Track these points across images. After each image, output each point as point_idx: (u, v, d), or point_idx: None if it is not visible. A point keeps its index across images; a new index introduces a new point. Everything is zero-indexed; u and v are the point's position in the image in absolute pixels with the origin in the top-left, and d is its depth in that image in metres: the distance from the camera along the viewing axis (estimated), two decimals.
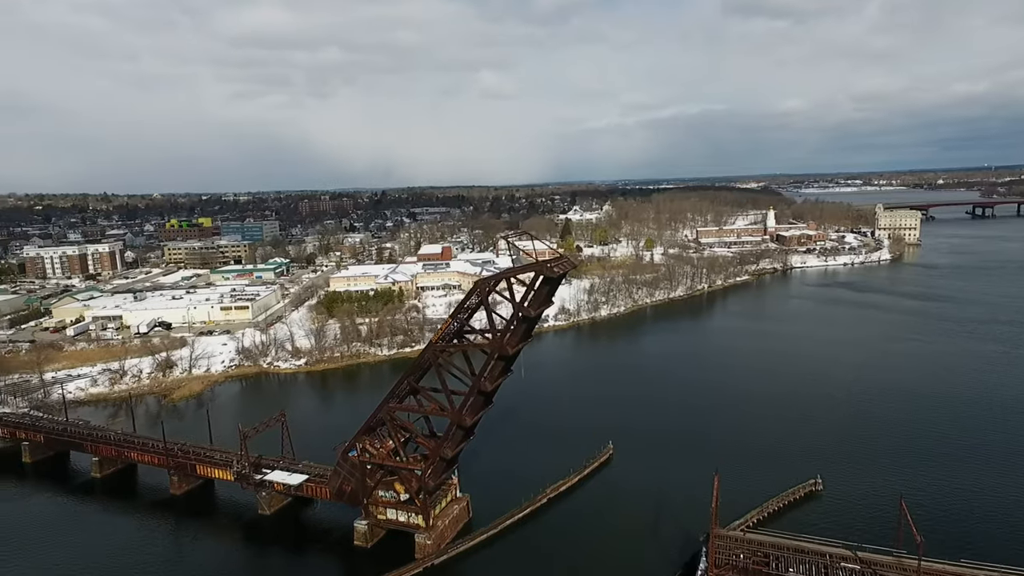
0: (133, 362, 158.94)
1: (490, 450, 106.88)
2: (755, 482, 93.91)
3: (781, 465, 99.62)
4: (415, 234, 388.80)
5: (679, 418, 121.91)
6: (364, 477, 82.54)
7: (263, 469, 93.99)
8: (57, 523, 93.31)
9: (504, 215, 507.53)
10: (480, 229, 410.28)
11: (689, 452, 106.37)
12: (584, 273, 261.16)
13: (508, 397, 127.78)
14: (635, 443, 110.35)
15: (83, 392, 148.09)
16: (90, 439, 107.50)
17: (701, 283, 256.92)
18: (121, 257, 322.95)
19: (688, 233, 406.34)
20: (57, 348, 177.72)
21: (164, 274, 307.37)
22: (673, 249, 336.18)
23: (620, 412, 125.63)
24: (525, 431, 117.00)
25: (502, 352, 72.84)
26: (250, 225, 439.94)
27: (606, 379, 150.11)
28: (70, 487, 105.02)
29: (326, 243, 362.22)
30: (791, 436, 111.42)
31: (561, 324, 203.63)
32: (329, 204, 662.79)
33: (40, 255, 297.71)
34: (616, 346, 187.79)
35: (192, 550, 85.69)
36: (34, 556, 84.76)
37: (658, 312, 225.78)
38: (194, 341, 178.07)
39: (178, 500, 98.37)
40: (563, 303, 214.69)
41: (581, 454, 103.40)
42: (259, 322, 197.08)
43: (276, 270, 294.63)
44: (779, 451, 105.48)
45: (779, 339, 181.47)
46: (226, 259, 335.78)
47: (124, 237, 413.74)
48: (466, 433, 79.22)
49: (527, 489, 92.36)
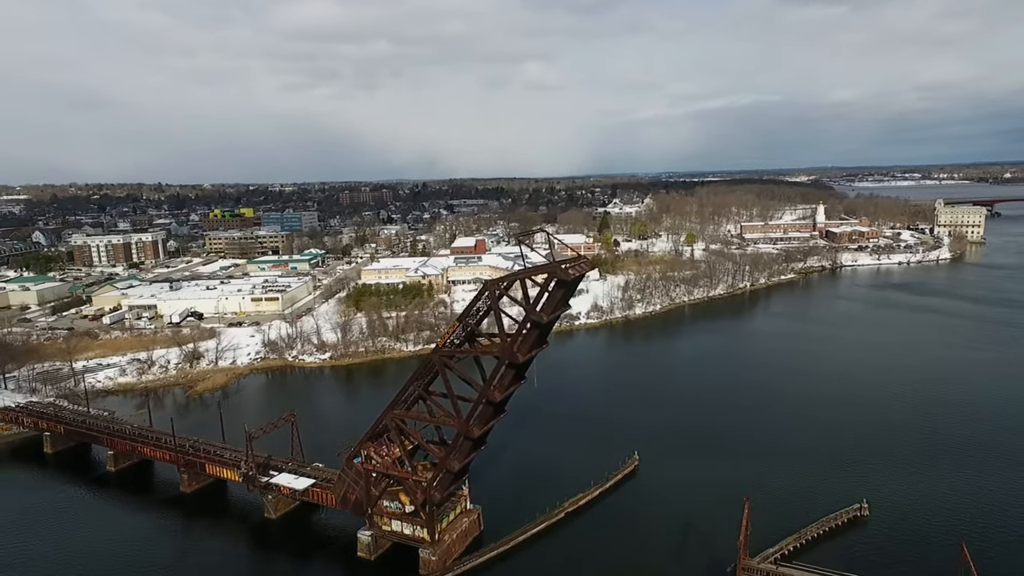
0: (160, 353, 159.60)
1: (505, 459, 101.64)
2: (792, 503, 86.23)
3: (823, 485, 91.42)
4: (451, 226, 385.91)
5: (713, 427, 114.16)
6: (368, 486, 78.41)
7: (271, 471, 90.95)
8: (62, 516, 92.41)
9: (542, 207, 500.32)
10: (516, 222, 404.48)
11: (722, 465, 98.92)
12: (620, 269, 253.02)
13: (527, 401, 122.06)
14: (663, 453, 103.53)
15: (111, 382, 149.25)
16: (106, 432, 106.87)
17: (743, 281, 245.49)
18: (163, 246, 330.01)
19: (732, 228, 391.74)
20: (92, 336, 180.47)
21: (204, 263, 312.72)
22: (715, 245, 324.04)
23: (649, 419, 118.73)
24: (544, 438, 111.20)
25: (512, 359, 67.26)
26: (289, 216, 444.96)
27: (636, 382, 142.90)
28: (84, 480, 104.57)
29: (362, 235, 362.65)
30: (835, 453, 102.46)
31: (593, 322, 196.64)
32: (369, 195, 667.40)
33: (87, 243, 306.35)
34: (649, 347, 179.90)
35: (193, 551, 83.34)
36: (33, 548, 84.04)
37: (696, 311, 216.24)
38: (222, 332, 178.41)
39: (188, 498, 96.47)
40: (596, 300, 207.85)
41: (604, 465, 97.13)
42: (287, 314, 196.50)
43: (311, 261, 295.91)
44: (821, 469, 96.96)
45: (825, 344, 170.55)
46: (264, 249, 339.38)
47: (169, 226, 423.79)
48: (475, 444, 74.04)
49: (543, 502, 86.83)
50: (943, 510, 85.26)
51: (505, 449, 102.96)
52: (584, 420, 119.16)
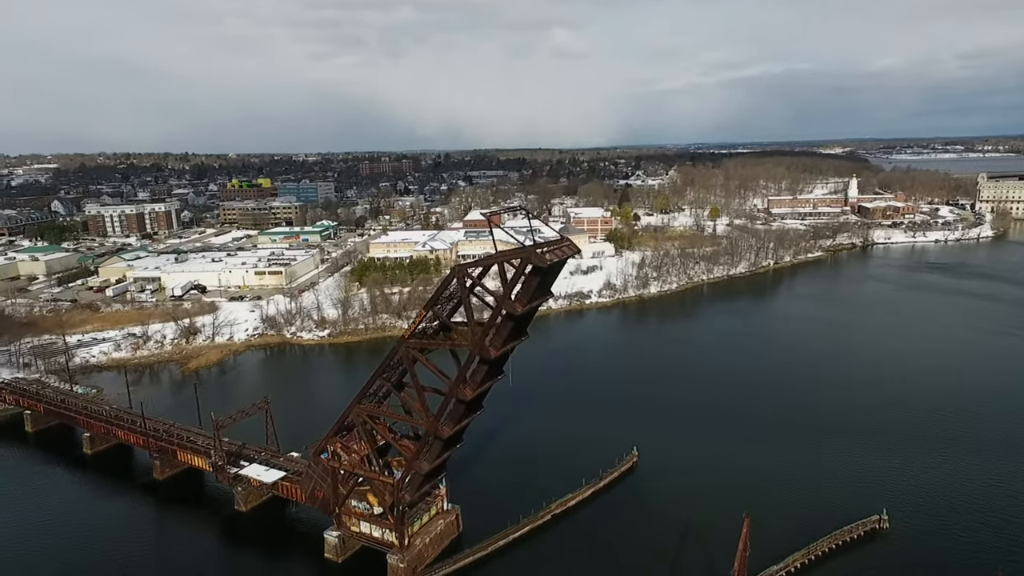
0: (156, 327, 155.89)
1: (489, 454, 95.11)
2: (803, 511, 78.29)
3: (838, 491, 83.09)
4: (467, 199, 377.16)
5: (722, 420, 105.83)
6: (336, 484, 72.44)
7: (242, 461, 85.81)
8: (32, 499, 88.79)
9: (563, 179, 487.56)
10: (535, 194, 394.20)
11: (730, 463, 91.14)
12: (637, 244, 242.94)
13: (516, 389, 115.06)
14: (666, 450, 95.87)
15: (106, 357, 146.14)
16: (83, 414, 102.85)
17: (767, 259, 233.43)
18: (177, 216, 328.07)
19: (758, 203, 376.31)
20: (94, 309, 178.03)
21: (217, 234, 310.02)
22: (739, 220, 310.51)
23: (653, 410, 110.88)
24: (535, 431, 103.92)
25: (483, 355, 59.80)
26: (305, 186, 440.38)
27: (642, 369, 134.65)
28: (60, 461, 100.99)
29: (377, 206, 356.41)
30: (854, 455, 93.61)
31: (604, 301, 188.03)
32: (389, 166, 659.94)
33: (101, 213, 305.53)
34: (661, 330, 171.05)
35: (158, 543, 78.76)
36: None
37: (715, 291, 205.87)
38: (222, 307, 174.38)
39: (160, 485, 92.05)
40: (609, 277, 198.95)
41: (600, 461, 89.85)
42: (290, 288, 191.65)
43: (322, 233, 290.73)
44: (837, 473, 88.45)
45: (851, 330, 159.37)
46: (278, 220, 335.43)
47: (187, 196, 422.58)
48: (447, 443, 67.21)
49: (530, 503, 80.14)
50: (977, 524, 76.42)
51: (490, 443, 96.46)
52: (582, 410, 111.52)
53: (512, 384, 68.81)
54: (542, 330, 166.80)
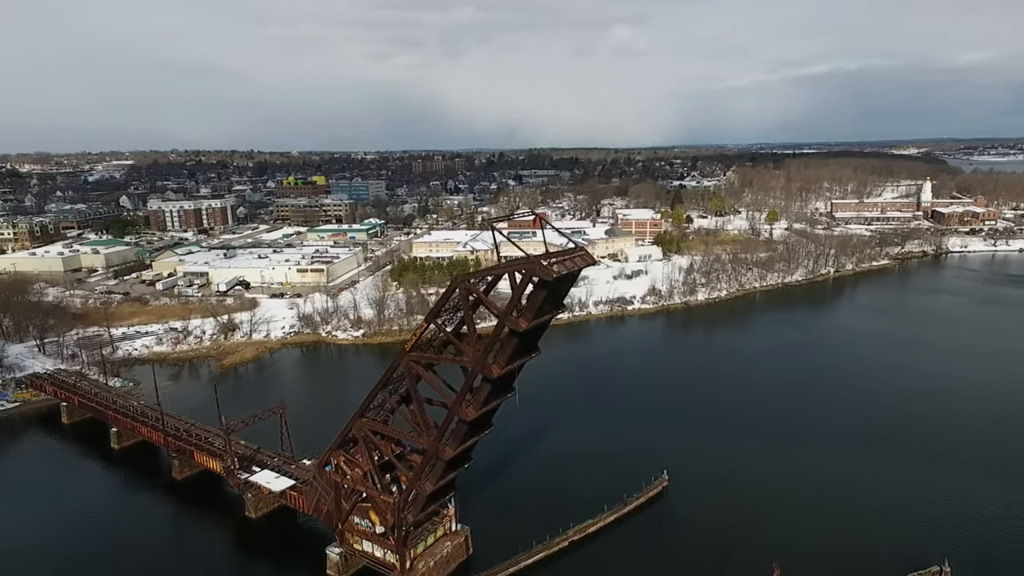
0: (197, 322, 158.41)
1: (505, 472, 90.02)
2: (852, 558, 70.05)
3: (895, 536, 74.29)
4: (515, 198, 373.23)
5: (767, 448, 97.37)
6: (339, 498, 69.33)
7: (254, 467, 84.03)
8: (53, 492, 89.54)
9: (615, 179, 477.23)
10: (585, 194, 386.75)
11: (772, 495, 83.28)
12: (686, 248, 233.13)
13: (537, 402, 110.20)
14: (701, 474, 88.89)
15: (147, 350, 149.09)
16: (112, 409, 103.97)
17: (826, 266, 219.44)
18: (233, 212, 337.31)
19: (821, 206, 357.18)
20: (143, 302, 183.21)
21: (269, 230, 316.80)
22: (799, 224, 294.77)
23: (689, 430, 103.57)
24: (556, 448, 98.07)
25: (485, 373, 55.14)
26: (357, 184, 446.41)
27: (681, 382, 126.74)
28: (87, 455, 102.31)
29: (425, 205, 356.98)
30: (914, 498, 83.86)
31: (648, 308, 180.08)
32: (442, 164, 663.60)
33: (161, 209, 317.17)
34: (705, 340, 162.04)
35: (166, 546, 77.41)
36: (12, 521, 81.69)
37: (768, 300, 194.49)
38: (262, 304, 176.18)
39: (179, 485, 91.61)
40: (655, 283, 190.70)
41: (625, 484, 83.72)
42: (329, 286, 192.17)
43: (369, 231, 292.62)
44: (893, 516, 79.23)
45: (917, 350, 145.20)
46: (328, 218, 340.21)
47: (244, 193, 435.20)
48: (451, 464, 62.90)
49: (547, 526, 75.01)
50: None
51: (506, 460, 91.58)
52: (611, 426, 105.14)
53: (519, 405, 63.50)
54: (576, 337, 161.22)
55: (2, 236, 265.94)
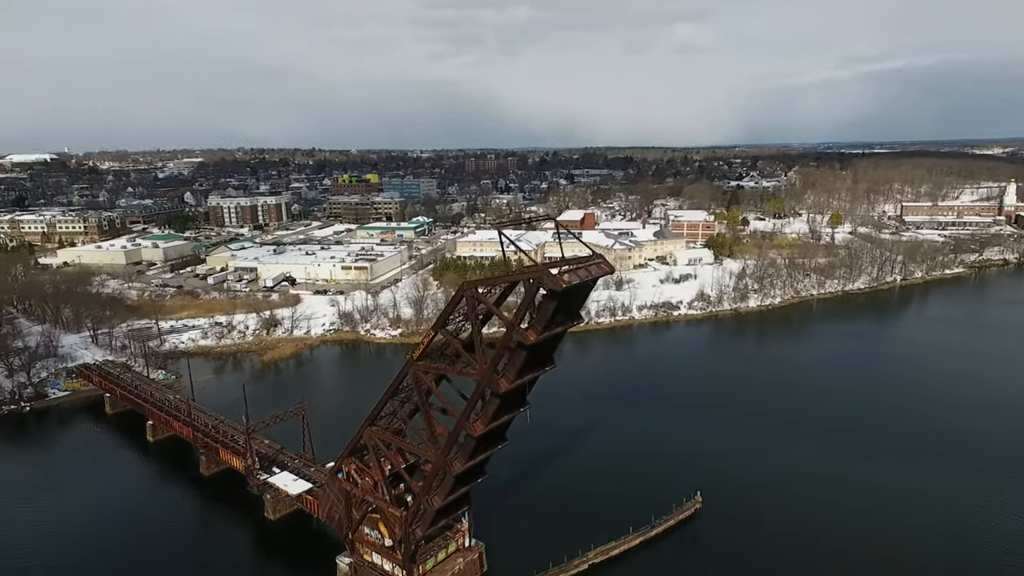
0: (240, 318, 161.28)
1: (525, 484, 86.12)
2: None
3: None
4: (564, 198, 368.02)
5: (817, 465, 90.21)
6: (349, 507, 67.38)
7: (274, 468, 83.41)
8: (87, 482, 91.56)
9: (669, 179, 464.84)
10: (638, 194, 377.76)
11: (820, 523, 76.61)
12: (739, 252, 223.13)
13: (569, 408, 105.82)
14: (738, 497, 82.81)
15: (193, 343, 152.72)
16: (148, 402, 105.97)
17: (892, 274, 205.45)
18: (288, 209, 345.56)
19: (890, 209, 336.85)
20: (194, 296, 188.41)
21: (321, 227, 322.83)
22: (864, 228, 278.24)
23: (730, 446, 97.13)
24: (583, 461, 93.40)
25: (493, 387, 51.70)
26: (409, 183, 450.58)
27: (724, 394, 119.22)
28: (124, 447, 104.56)
29: (473, 204, 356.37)
30: (977, 541, 75.73)
31: (694, 314, 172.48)
32: (494, 163, 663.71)
33: (220, 205, 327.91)
34: (755, 349, 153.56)
35: (185, 542, 77.29)
36: (42, 511, 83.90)
37: (826, 308, 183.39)
38: (304, 300, 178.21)
39: (205, 482, 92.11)
40: (703, 288, 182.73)
41: (654, 504, 78.73)
42: (372, 284, 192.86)
43: (417, 229, 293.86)
44: (957, 560, 71.45)
45: (993, 369, 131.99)
46: (379, 215, 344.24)
47: (300, 190, 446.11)
48: (461, 479, 59.79)
49: (567, 546, 71.03)
50: None
51: (527, 472, 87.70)
52: (643, 440, 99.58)
53: (528, 423, 59.74)
54: (617, 342, 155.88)
55: (74, 229, 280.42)
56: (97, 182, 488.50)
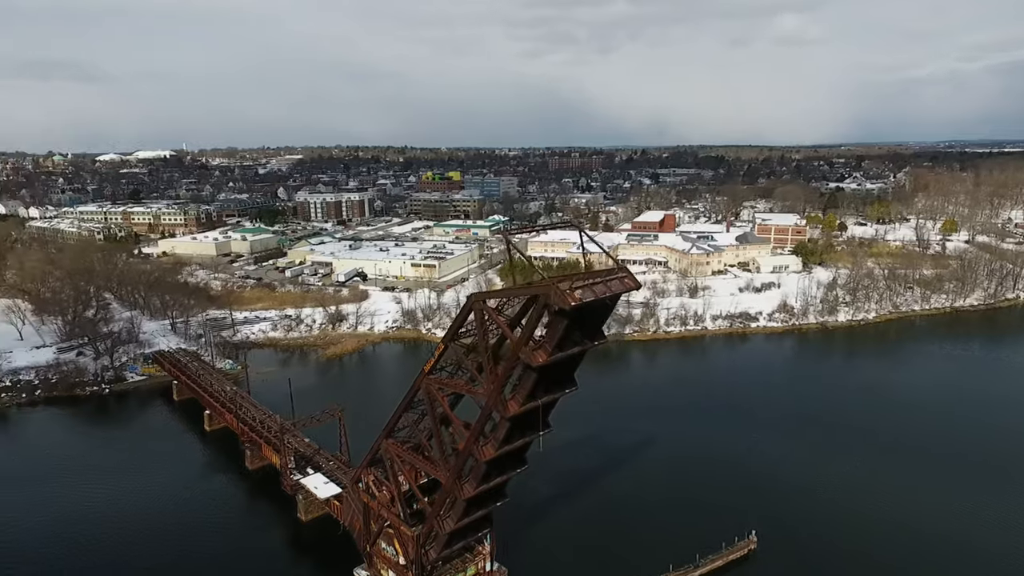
0: (308, 311, 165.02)
1: (557, 506, 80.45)
2: None
3: None
4: (646, 198, 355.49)
5: (908, 520, 78.73)
6: (368, 520, 64.94)
7: (309, 468, 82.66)
8: (142, 467, 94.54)
9: (761, 179, 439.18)
10: (725, 196, 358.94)
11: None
12: (832, 260, 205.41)
13: (616, 422, 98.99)
14: (801, 544, 73.55)
15: (263, 335, 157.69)
16: (207, 391, 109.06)
17: (1015, 289, 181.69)
18: (370, 205, 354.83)
19: (1017, 215, 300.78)
20: (271, 288, 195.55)
21: (401, 224, 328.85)
22: (984, 236, 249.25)
23: (795, 483, 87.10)
24: (625, 483, 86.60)
25: (499, 410, 47.05)
26: (489, 180, 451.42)
27: (795, 422, 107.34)
28: (181, 434, 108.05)
29: (551, 203, 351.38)
30: None
31: (775, 326, 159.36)
32: (577, 161, 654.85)
33: (307, 200, 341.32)
34: (840, 371, 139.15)
35: (217, 535, 77.80)
36: (90, 488, 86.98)
37: (930, 325, 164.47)
38: (372, 296, 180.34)
39: (248, 476, 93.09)
40: (787, 298, 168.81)
41: (701, 540, 71.24)
42: (439, 282, 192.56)
43: (492, 228, 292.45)
44: None
45: None
46: (457, 213, 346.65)
47: (385, 187, 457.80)
48: (474, 503, 55.61)
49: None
50: None
51: (563, 493, 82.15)
52: (696, 467, 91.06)
53: (542, 450, 54.40)
54: (684, 353, 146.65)
55: (175, 221, 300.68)
56: (204, 177, 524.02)
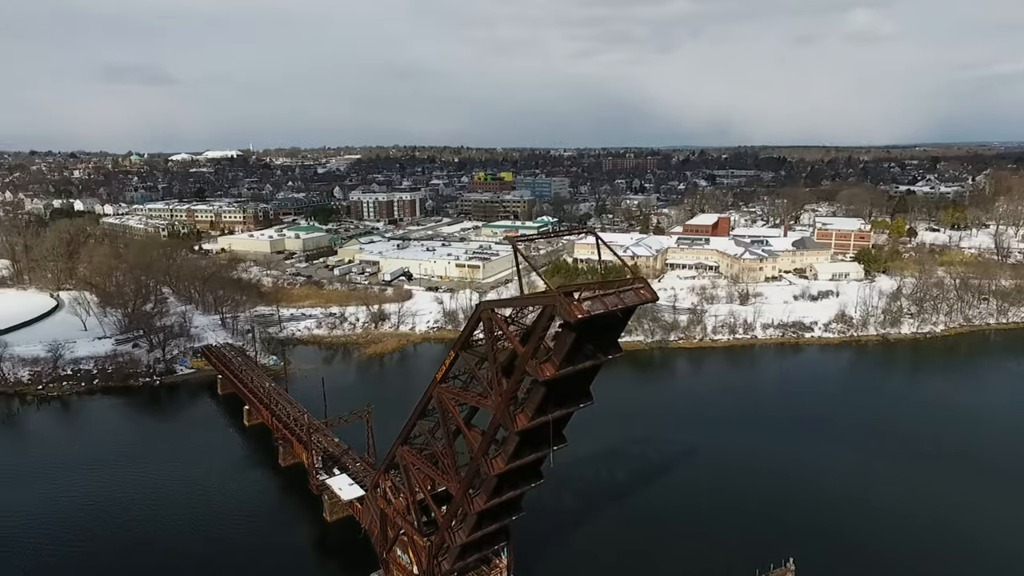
0: (352, 310, 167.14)
1: (583, 519, 77.48)
2: None
3: None
4: (701, 200, 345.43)
5: (973, 554, 72.76)
6: (385, 526, 64.08)
7: (336, 469, 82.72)
8: (179, 459, 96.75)
9: (825, 182, 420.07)
10: (785, 198, 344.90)
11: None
12: (897, 268, 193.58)
13: (652, 434, 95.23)
14: (843, 568, 68.47)
15: (307, 332, 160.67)
16: (247, 387, 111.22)
17: None
18: (421, 205, 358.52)
19: None
20: (319, 286, 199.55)
21: (450, 224, 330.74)
22: None
23: (840, 506, 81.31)
24: (656, 499, 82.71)
25: (504, 424, 45.01)
26: (541, 181, 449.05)
27: (847, 440, 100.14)
28: (221, 428, 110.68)
29: (602, 204, 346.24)
30: None
31: (831, 337, 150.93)
32: (632, 162, 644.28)
33: (360, 200, 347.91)
34: (901, 387, 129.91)
35: (244, 531, 78.75)
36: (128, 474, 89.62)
37: (1007, 341, 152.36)
38: (415, 296, 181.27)
39: (281, 473, 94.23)
40: (845, 307, 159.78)
41: (733, 563, 67.25)
42: (482, 284, 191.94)
43: (540, 229, 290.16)
44: None
45: None
46: (506, 214, 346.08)
47: (438, 187, 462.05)
48: (489, 515, 53.79)
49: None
50: None
51: (590, 506, 79.21)
52: (734, 482, 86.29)
53: (552, 466, 51.91)
54: (732, 363, 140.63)
55: (235, 219, 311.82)
56: (266, 176, 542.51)
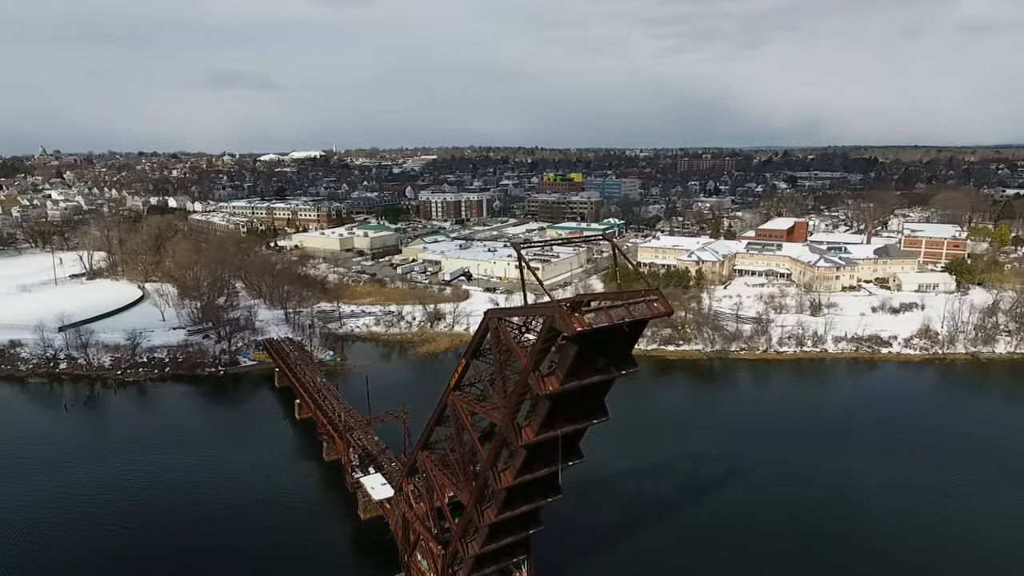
0: (409, 308, 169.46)
1: (614, 535, 74.03)
2: None
3: None
4: (778, 203, 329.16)
5: None
6: (407, 528, 63.73)
7: (371, 468, 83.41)
8: (231, 449, 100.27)
9: (919, 184, 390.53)
10: (873, 202, 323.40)
11: None
12: (994, 280, 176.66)
13: (702, 447, 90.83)
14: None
15: (366, 329, 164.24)
16: (300, 381, 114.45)
17: None
18: (488, 206, 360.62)
19: None
20: (381, 284, 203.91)
21: (517, 224, 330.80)
22: None
23: (909, 541, 74.14)
24: (695, 518, 78.38)
25: (509, 437, 43.18)
26: (610, 182, 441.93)
27: (920, 470, 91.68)
28: (272, 420, 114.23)
29: (672, 206, 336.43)
30: None
31: (912, 353, 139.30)
32: (708, 163, 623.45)
33: (429, 200, 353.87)
34: (991, 410, 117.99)
35: (282, 524, 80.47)
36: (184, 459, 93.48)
37: None
38: (472, 296, 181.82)
39: (324, 468, 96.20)
40: (930, 322, 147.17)
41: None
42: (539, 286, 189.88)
43: (606, 231, 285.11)
44: None
45: None
46: (573, 215, 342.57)
47: (507, 187, 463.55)
48: (502, 528, 52.18)
49: None
50: None
51: (621, 523, 75.62)
52: (784, 505, 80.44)
53: (560, 483, 49.31)
54: (798, 377, 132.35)
55: (309, 217, 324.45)
56: (344, 176, 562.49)
